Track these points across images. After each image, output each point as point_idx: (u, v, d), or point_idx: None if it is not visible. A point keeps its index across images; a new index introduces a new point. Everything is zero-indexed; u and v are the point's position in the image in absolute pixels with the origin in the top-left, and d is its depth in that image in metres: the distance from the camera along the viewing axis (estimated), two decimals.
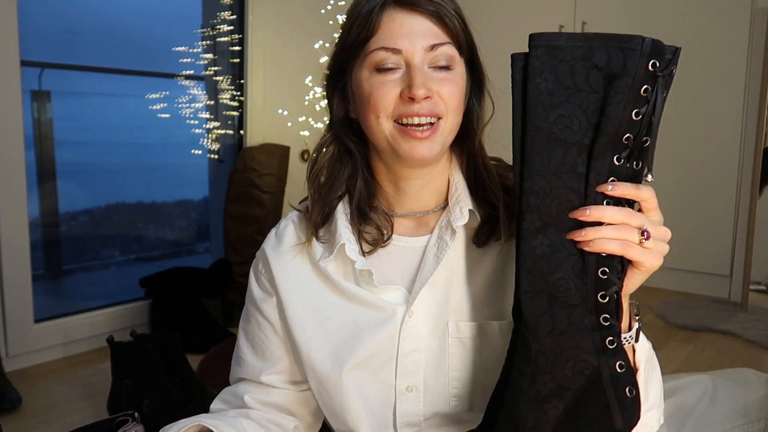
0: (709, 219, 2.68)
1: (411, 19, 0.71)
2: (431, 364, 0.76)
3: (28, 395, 1.74)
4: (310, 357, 0.78)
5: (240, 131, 2.66)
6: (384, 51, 0.70)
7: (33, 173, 2.40)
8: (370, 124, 0.73)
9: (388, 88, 0.71)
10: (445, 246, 0.76)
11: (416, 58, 0.70)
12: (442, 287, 0.76)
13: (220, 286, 2.34)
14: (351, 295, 0.78)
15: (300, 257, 0.81)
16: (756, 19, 2.50)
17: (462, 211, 0.76)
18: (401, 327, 0.75)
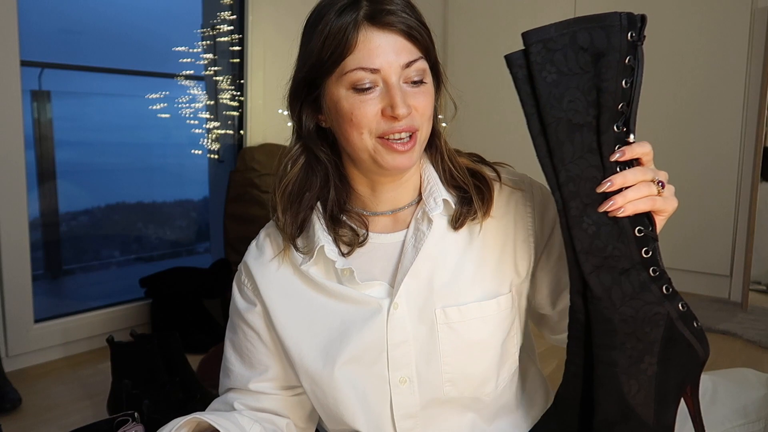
0: (709, 219, 2.68)
1: (386, 37, 0.72)
2: (422, 353, 0.78)
3: (28, 395, 1.74)
4: (302, 359, 0.80)
5: (240, 131, 2.66)
6: (362, 71, 0.72)
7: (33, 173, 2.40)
8: (351, 139, 0.75)
9: (369, 106, 0.73)
10: (422, 236, 0.79)
11: (393, 77, 0.73)
12: (425, 276, 0.79)
13: (220, 286, 2.34)
14: (336, 294, 0.80)
15: (282, 265, 0.84)
16: (756, 19, 2.50)
17: (436, 201, 0.80)
18: (388, 319, 0.78)
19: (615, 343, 0.63)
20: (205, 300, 2.31)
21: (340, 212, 0.82)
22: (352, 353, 0.78)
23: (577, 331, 0.67)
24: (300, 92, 0.79)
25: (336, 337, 0.79)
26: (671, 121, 2.75)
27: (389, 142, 0.74)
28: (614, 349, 0.63)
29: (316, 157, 0.81)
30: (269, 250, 0.85)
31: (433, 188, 0.81)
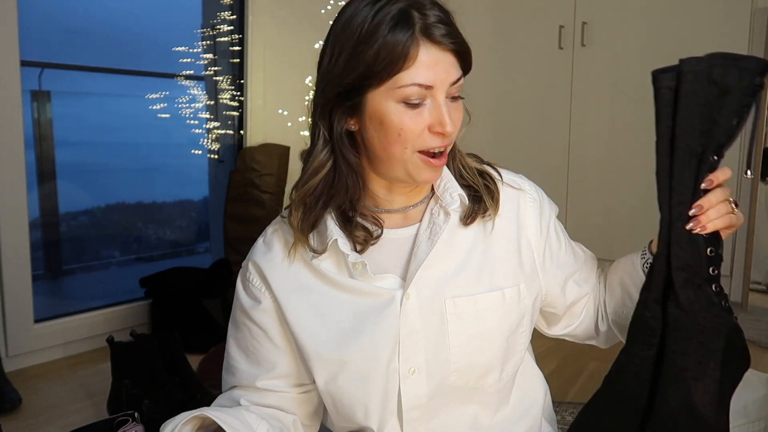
0: None
1: (441, 55, 0.73)
2: (431, 344, 0.80)
3: (28, 395, 1.74)
4: (317, 352, 0.80)
5: (240, 131, 2.66)
6: (417, 87, 0.72)
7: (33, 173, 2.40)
8: (391, 151, 0.75)
9: (418, 122, 0.73)
10: (439, 229, 0.81)
11: (442, 95, 0.73)
12: (436, 268, 0.80)
13: (220, 286, 2.34)
14: (348, 288, 0.80)
15: (292, 260, 0.84)
16: (756, 19, 2.50)
17: (452, 196, 0.82)
18: (401, 309, 0.79)
19: (688, 349, 0.70)
20: (205, 300, 2.31)
21: (353, 211, 0.82)
22: (365, 345, 0.79)
23: (644, 335, 0.72)
24: (338, 98, 0.77)
25: (349, 329, 0.79)
26: None
27: (428, 158, 0.76)
28: (687, 355, 0.70)
29: (346, 162, 0.80)
30: (278, 245, 0.85)
31: (448, 184, 0.84)
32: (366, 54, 0.72)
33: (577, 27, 2.91)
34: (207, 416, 0.76)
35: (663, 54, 2.92)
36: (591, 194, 2.99)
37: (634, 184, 2.87)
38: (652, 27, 2.74)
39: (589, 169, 2.99)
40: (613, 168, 2.93)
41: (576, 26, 2.92)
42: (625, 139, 2.87)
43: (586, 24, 2.89)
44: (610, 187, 2.94)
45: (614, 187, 2.93)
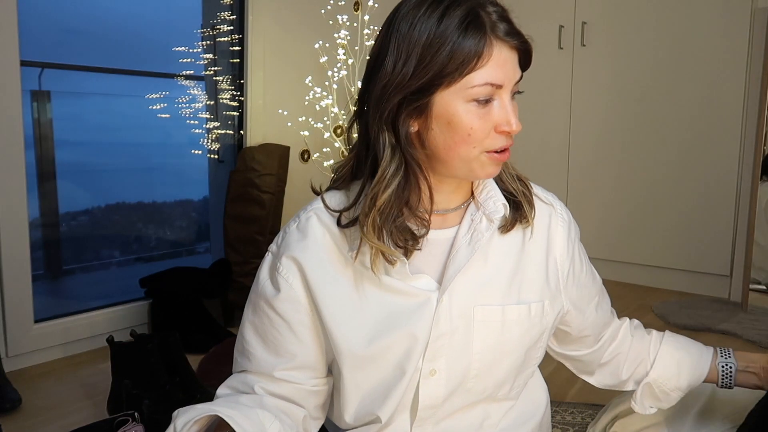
0: (709, 219, 2.68)
1: (511, 54, 0.74)
2: (455, 348, 0.81)
3: (28, 395, 1.74)
4: (350, 347, 0.80)
5: (240, 131, 2.66)
6: (491, 87, 0.73)
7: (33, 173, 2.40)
8: (459, 150, 0.75)
9: (487, 121, 0.74)
10: (480, 236, 0.81)
11: (508, 94, 0.75)
12: (471, 274, 0.81)
13: (220, 286, 2.34)
14: (384, 285, 0.80)
15: (328, 248, 0.82)
16: (756, 19, 2.50)
17: (496, 204, 0.83)
18: (435, 311, 0.79)
19: None
20: (205, 300, 2.31)
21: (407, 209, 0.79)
22: (396, 343, 0.79)
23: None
24: (404, 101, 0.75)
25: (383, 326, 0.80)
26: (671, 122, 2.75)
27: (494, 155, 0.76)
28: None
29: (417, 163, 0.78)
30: (315, 234, 0.82)
31: (491, 192, 0.85)
32: (438, 56, 0.72)
33: (577, 27, 2.91)
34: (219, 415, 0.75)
35: (663, 54, 2.94)
36: (591, 194, 2.99)
37: (634, 184, 2.87)
38: (652, 27, 2.74)
39: (589, 169, 2.99)
40: (613, 168, 2.93)
41: (576, 26, 2.92)
42: (625, 139, 2.87)
43: (586, 24, 2.89)
44: (609, 187, 2.94)
45: (614, 187, 2.93)
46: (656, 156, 2.80)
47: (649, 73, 2.77)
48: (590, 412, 1.57)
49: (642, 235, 2.85)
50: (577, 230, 0.93)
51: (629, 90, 2.84)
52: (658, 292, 2.75)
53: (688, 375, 0.99)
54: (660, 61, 2.73)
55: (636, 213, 2.87)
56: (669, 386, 1.00)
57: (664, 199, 2.80)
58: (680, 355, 1.00)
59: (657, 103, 2.76)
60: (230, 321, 2.38)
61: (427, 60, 0.72)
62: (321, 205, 0.84)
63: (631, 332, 1.02)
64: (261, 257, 0.87)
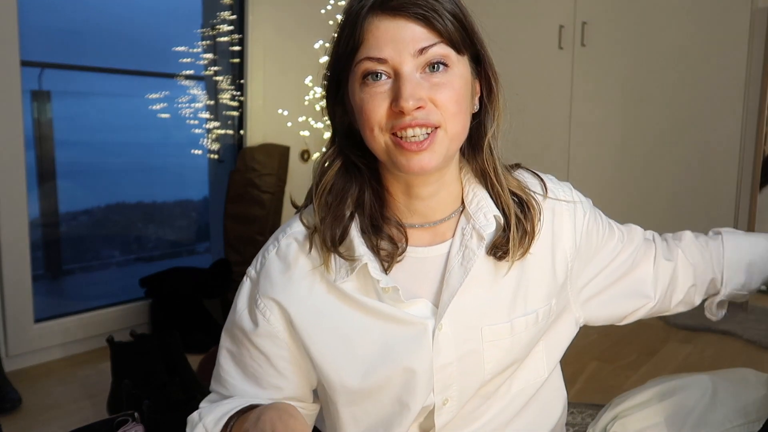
0: (709, 219, 2.68)
1: (395, 24, 0.67)
2: (465, 373, 0.75)
3: (28, 395, 1.74)
4: (343, 384, 0.75)
5: (240, 131, 2.66)
6: (369, 61, 0.67)
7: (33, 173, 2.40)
8: (367, 137, 0.70)
9: (378, 100, 0.68)
10: (472, 254, 0.74)
11: (404, 67, 0.66)
12: (470, 295, 0.74)
13: (220, 286, 2.34)
14: (376, 312, 0.74)
15: (311, 279, 0.76)
16: (756, 19, 2.50)
17: (486, 217, 0.74)
18: (433, 342, 0.73)
19: None
20: (205, 300, 2.31)
21: (380, 218, 0.76)
22: (396, 376, 0.74)
23: None
24: (331, 91, 0.75)
25: (377, 358, 0.74)
26: (671, 122, 2.75)
27: (401, 140, 0.67)
28: None
29: (351, 161, 0.75)
30: (296, 263, 0.76)
31: (481, 202, 0.76)
32: (337, 38, 0.71)
33: (577, 27, 2.91)
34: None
35: (663, 54, 2.94)
36: (590, 194, 2.98)
37: (634, 184, 2.87)
38: (652, 27, 2.74)
39: (589, 169, 2.99)
40: (613, 168, 2.92)
41: (576, 26, 2.92)
42: (625, 138, 2.86)
43: (586, 24, 2.89)
44: (609, 186, 2.94)
45: (614, 186, 2.93)
46: (656, 156, 2.80)
47: (649, 73, 2.77)
48: (590, 412, 1.57)
49: None
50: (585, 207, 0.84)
51: (629, 90, 2.84)
52: None
53: (760, 275, 0.92)
54: (660, 61, 2.73)
55: (636, 213, 2.86)
56: (743, 291, 0.93)
57: (664, 199, 2.80)
58: (749, 259, 0.91)
59: (657, 103, 2.76)
60: None
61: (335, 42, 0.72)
62: (300, 228, 0.78)
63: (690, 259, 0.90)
64: None
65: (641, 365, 1.92)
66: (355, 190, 0.76)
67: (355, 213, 0.76)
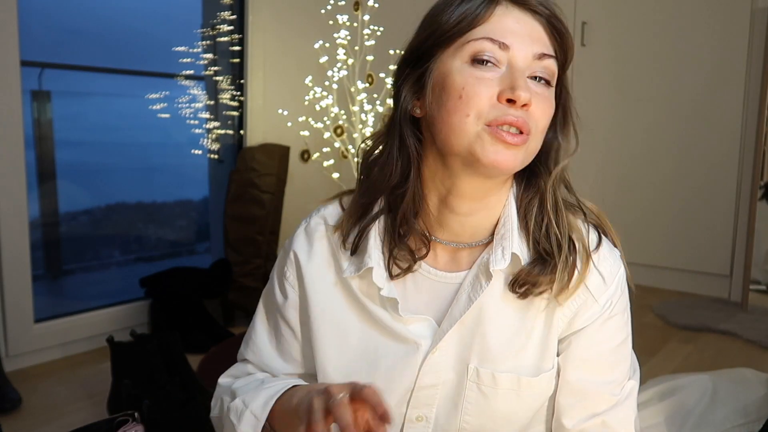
0: (709, 219, 2.68)
1: (525, 19, 0.65)
2: (447, 399, 0.74)
3: (28, 395, 1.73)
4: (325, 370, 0.76)
5: (240, 131, 2.66)
6: (490, 42, 0.63)
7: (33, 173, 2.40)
8: (452, 123, 0.64)
9: (485, 85, 0.63)
10: (479, 289, 0.70)
11: (522, 62, 0.64)
12: (470, 327, 0.72)
13: (220, 286, 2.33)
14: (374, 319, 0.74)
15: (327, 265, 0.77)
16: (756, 19, 2.50)
17: (504, 254, 0.69)
18: (422, 363, 0.72)
19: None
20: (205, 300, 2.31)
21: (408, 225, 0.72)
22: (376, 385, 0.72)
23: None
24: (407, 64, 0.69)
25: (363, 364, 0.74)
26: (671, 121, 2.75)
27: (498, 130, 0.62)
28: None
29: (404, 145, 0.70)
30: (318, 242, 0.77)
31: (507, 233, 0.70)
32: (439, 17, 0.66)
33: (577, 27, 2.91)
34: None
35: (663, 54, 2.94)
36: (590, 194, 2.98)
37: (635, 184, 2.87)
38: (652, 27, 2.74)
39: (589, 169, 2.99)
40: (613, 168, 2.92)
41: (576, 26, 2.92)
42: (625, 138, 2.86)
43: (586, 24, 2.89)
44: (610, 187, 2.94)
45: (614, 187, 2.93)
46: (656, 156, 2.80)
47: (649, 73, 2.77)
48: None
49: (642, 235, 2.85)
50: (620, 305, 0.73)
51: (629, 90, 2.84)
52: (658, 292, 2.75)
53: None
54: (660, 61, 2.73)
55: (636, 213, 2.86)
56: None
57: (664, 199, 2.80)
58: None
59: (657, 103, 2.76)
60: (230, 321, 2.38)
61: (428, 24, 0.67)
62: (334, 210, 0.78)
63: None
64: (261, 257, 0.85)
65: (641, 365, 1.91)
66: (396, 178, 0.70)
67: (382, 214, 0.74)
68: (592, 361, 0.73)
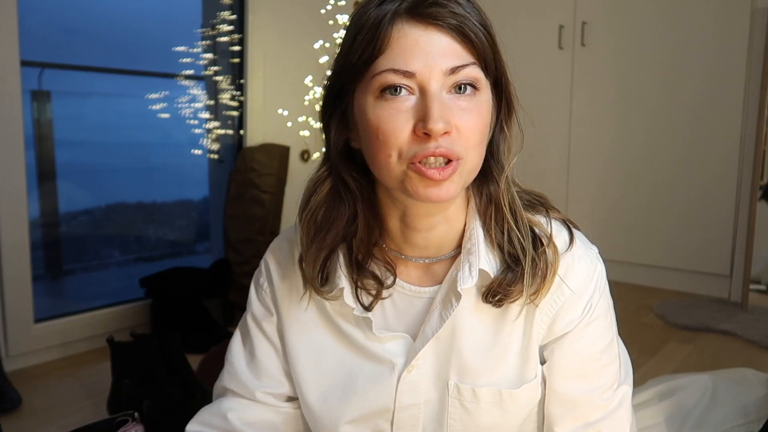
0: (709, 219, 2.68)
1: (427, 35, 0.59)
2: (431, 419, 0.72)
3: (28, 395, 1.74)
4: (302, 393, 0.75)
5: (240, 131, 2.66)
6: (393, 74, 0.58)
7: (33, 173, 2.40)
8: (379, 162, 0.61)
9: (400, 120, 0.59)
10: (450, 308, 0.68)
11: (433, 84, 0.59)
12: (446, 343, 0.70)
13: (220, 286, 2.34)
14: (349, 340, 0.72)
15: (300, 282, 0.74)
16: (756, 19, 2.50)
17: (471, 271, 0.66)
18: (398, 382, 0.70)
19: None
20: (205, 300, 2.31)
21: (367, 254, 0.70)
22: (354, 414, 0.72)
23: None
24: (329, 102, 0.66)
25: (340, 387, 0.72)
26: (671, 121, 2.75)
27: (422, 166, 0.59)
28: None
29: (345, 183, 0.68)
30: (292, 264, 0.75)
31: (473, 248, 0.67)
32: (347, 41, 0.62)
33: (577, 27, 2.91)
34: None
35: (663, 54, 2.94)
36: (591, 194, 2.99)
37: (635, 184, 2.87)
38: (652, 27, 2.74)
39: (589, 169, 2.99)
40: (613, 168, 2.92)
41: (576, 26, 2.92)
42: (626, 138, 2.87)
43: (586, 24, 2.89)
44: (610, 187, 2.94)
45: (614, 187, 2.93)
46: (656, 156, 2.80)
47: (649, 73, 2.77)
48: None
49: (642, 235, 2.85)
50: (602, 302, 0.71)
51: (629, 90, 2.84)
52: (658, 292, 2.75)
53: None
54: (660, 61, 2.73)
55: (636, 213, 2.86)
56: None
57: (664, 199, 2.80)
58: None
59: (657, 103, 2.76)
60: (230, 321, 2.38)
61: (339, 59, 0.64)
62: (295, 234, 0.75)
63: None
64: (261, 257, 0.83)
65: (641, 365, 1.92)
66: (346, 214, 0.69)
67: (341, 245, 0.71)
68: (577, 369, 0.71)
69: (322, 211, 0.69)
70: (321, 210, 0.69)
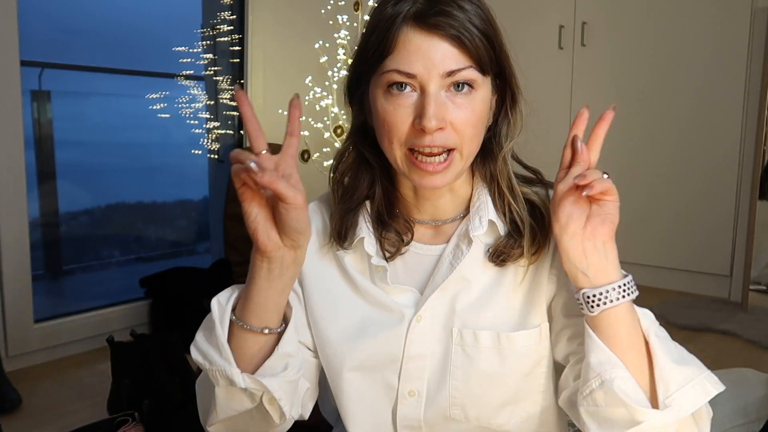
0: (709, 219, 2.68)
1: (428, 41, 0.67)
2: (435, 371, 0.76)
3: (28, 395, 1.74)
4: (319, 331, 0.79)
5: (240, 131, 2.66)
6: (398, 74, 0.68)
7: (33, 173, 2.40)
8: (385, 146, 0.72)
9: (402, 114, 0.69)
10: (461, 255, 0.75)
11: (431, 85, 0.67)
12: (452, 294, 0.75)
13: (220, 286, 2.33)
14: (362, 291, 0.78)
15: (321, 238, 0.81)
16: (756, 19, 2.50)
17: (481, 221, 0.75)
18: (408, 330, 0.75)
19: None
20: (205, 300, 2.31)
21: (388, 215, 0.79)
22: (363, 359, 0.76)
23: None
24: (352, 84, 0.76)
25: (352, 334, 0.77)
26: (671, 121, 2.75)
27: (417, 160, 0.69)
28: None
29: (363, 157, 0.79)
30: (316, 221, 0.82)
31: (482, 206, 0.76)
32: (366, 36, 0.71)
33: (577, 27, 2.91)
34: None
35: (663, 54, 2.94)
36: None
37: (634, 184, 2.87)
38: (652, 27, 2.74)
39: None
40: (613, 168, 2.92)
41: (576, 26, 2.92)
42: (625, 138, 2.86)
43: (586, 24, 2.89)
44: None
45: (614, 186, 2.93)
46: (656, 156, 2.80)
47: (649, 73, 2.77)
48: None
49: (642, 235, 2.85)
50: None
51: (629, 90, 2.84)
52: (658, 292, 2.75)
53: None
54: (660, 61, 2.73)
55: (636, 213, 2.87)
56: None
57: (664, 199, 2.80)
58: None
59: (657, 103, 2.76)
60: None
61: (358, 51, 0.73)
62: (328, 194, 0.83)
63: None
64: None
65: None
66: (366, 184, 0.79)
67: (366, 205, 0.79)
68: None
69: (348, 177, 0.80)
70: (347, 175, 0.80)
